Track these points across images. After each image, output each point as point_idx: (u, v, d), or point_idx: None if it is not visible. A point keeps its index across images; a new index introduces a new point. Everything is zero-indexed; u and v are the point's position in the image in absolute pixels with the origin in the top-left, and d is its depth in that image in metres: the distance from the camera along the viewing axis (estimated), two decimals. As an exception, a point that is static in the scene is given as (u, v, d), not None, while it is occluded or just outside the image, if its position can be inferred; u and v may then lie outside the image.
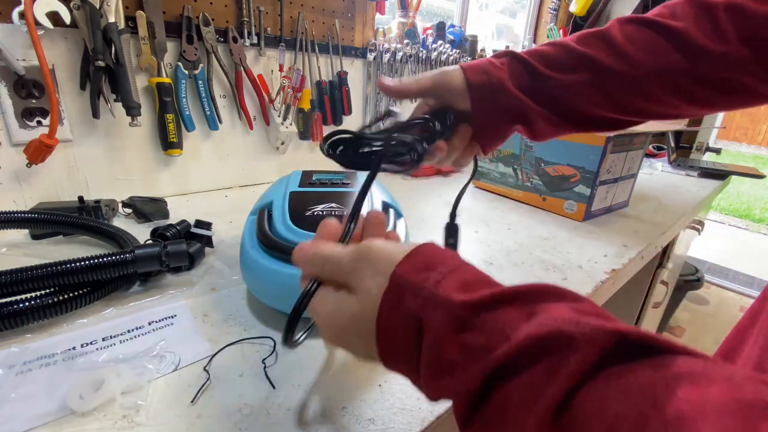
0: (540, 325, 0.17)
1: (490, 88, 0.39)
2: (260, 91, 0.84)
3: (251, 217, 0.45)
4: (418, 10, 1.13)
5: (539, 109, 0.39)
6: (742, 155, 7.53)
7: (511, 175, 0.87)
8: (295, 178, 0.54)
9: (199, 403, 0.31)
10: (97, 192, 0.70)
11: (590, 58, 0.38)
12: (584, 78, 0.38)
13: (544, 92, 0.39)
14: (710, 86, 0.37)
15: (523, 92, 0.39)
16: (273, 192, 0.50)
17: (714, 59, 0.36)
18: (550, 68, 0.39)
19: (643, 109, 0.40)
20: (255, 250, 0.40)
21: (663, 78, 0.37)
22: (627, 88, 0.38)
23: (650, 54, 0.37)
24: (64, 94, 0.64)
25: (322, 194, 0.49)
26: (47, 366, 0.34)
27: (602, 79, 0.38)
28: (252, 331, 0.40)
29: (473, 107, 0.39)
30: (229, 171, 0.87)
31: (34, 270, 0.37)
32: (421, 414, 0.32)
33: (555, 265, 0.58)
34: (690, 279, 1.67)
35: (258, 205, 0.48)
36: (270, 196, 0.48)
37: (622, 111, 0.40)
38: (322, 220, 0.28)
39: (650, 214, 0.84)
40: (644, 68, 0.37)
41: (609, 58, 0.38)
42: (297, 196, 0.48)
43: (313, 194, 0.49)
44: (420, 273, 0.21)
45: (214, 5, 0.75)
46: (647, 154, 1.57)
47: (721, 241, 3.34)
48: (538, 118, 0.40)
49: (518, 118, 0.40)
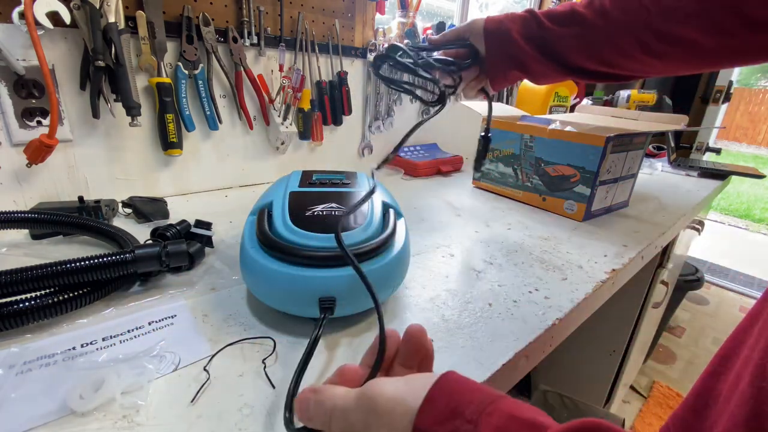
0: None
1: (499, 35, 0.52)
2: (260, 91, 0.84)
3: (251, 218, 0.45)
4: (418, 10, 1.13)
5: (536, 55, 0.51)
6: (742, 155, 7.53)
7: (511, 175, 0.87)
8: (295, 178, 0.53)
9: (199, 403, 0.31)
10: (97, 192, 0.70)
11: (581, 15, 0.49)
12: (574, 31, 0.49)
13: (544, 41, 0.51)
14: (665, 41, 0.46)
15: (527, 41, 0.51)
16: (273, 192, 0.50)
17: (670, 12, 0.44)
18: (552, 22, 0.50)
19: (615, 61, 0.50)
20: (255, 250, 0.40)
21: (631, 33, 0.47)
22: (604, 42, 0.49)
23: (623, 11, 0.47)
24: (64, 94, 0.64)
25: (323, 194, 0.49)
26: (47, 366, 0.34)
27: (586, 32, 0.49)
28: (252, 331, 0.40)
29: (486, 49, 0.53)
30: (229, 171, 0.87)
31: (34, 270, 0.37)
32: (421, 414, 0.32)
33: (555, 265, 0.58)
34: (690, 279, 1.67)
35: (258, 205, 0.48)
36: (270, 196, 0.48)
37: (599, 62, 0.50)
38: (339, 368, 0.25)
39: (650, 214, 0.84)
40: (617, 23, 0.47)
41: (594, 14, 0.48)
42: (297, 196, 0.47)
43: (313, 194, 0.48)
44: (446, 424, 0.18)
45: (214, 5, 0.75)
46: (647, 154, 1.57)
47: (721, 241, 3.34)
48: (534, 64, 0.52)
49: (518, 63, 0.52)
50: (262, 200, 0.49)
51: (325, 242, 0.38)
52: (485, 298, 0.49)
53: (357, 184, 0.53)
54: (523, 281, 0.53)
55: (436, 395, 0.19)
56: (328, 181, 0.53)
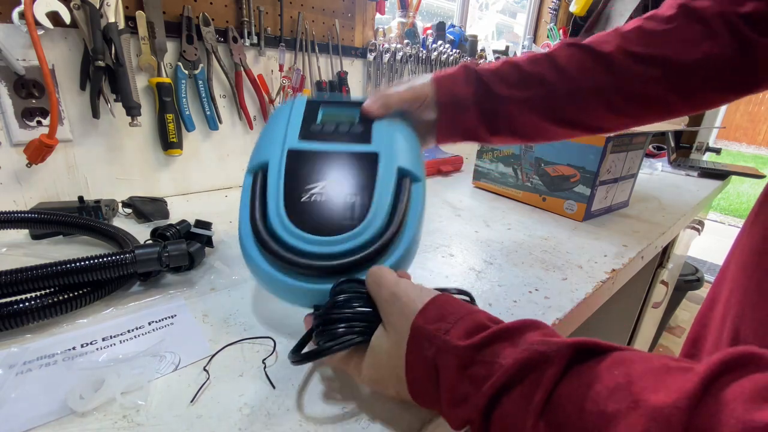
0: (522, 351, 0.23)
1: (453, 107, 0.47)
2: (260, 91, 0.84)
3: (247, 179, 0.41)
4: (418, 10, 1.13)
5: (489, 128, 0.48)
6: (742, 155, 7.53)
7: (511, 175, 0.87)
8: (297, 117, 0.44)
9: (199, 403, 0.31)
10: (97, 192, 0.70)
11: (540, 76, 0.45)
12: (536, 93, 0.46)
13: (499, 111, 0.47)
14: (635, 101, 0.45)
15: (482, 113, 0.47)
16: (271, 138, 0.42)
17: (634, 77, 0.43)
18: (507, 87, 0.46)
19: (580, 120, 0.47)
20: (250, 244, 0.37)
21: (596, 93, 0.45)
22: (568, 102, 0.46)
23: (585, 73, 0.44)
24: (64, 94, 0.64)
25: (324, 158, 0.40)
26: (47, 366, 0.34)
27: (548, 93, 0.45)
28: (252, 331, 0.40)
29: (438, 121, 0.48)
30: (229, 171, 0.87)
31: (34, 270, 0.37)
32: (421, 414, 0.32)
33: (555, 265, 0.58)
34: (690, 279, 1.67)
35: (256, 159, 0.41)
36: (267, 149, 0.41)
37: (563, 122, 0.48)
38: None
39: (650, 214, 0.84)
40: (581, 84, 0.44)
41: (554, 75, 0.45)
42: (295, 159, 0.40)
43: (313, 157, 0.40)
44: (433, 323, 0.26)
45: (214, 5, 0.75)
46: (647, 154, 1.57)
47: (722, 242, 3.34)
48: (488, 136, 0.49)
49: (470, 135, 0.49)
50: (260, 149, 0.43)
51: (323, 247, 0.34)
52: (485, 298, 0.49)
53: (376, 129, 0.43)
54: (523, 281, 0.53)
55: (431, 305, 0.28)
56: (336, 126, 0.43)
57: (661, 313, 1.39)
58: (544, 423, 0.20)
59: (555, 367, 0.21)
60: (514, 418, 0.21)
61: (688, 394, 0.16)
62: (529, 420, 0.20)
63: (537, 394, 0.21)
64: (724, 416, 0.15)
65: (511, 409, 0.22)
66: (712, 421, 0.16)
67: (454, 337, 0.25)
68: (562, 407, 0.20)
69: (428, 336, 0.26)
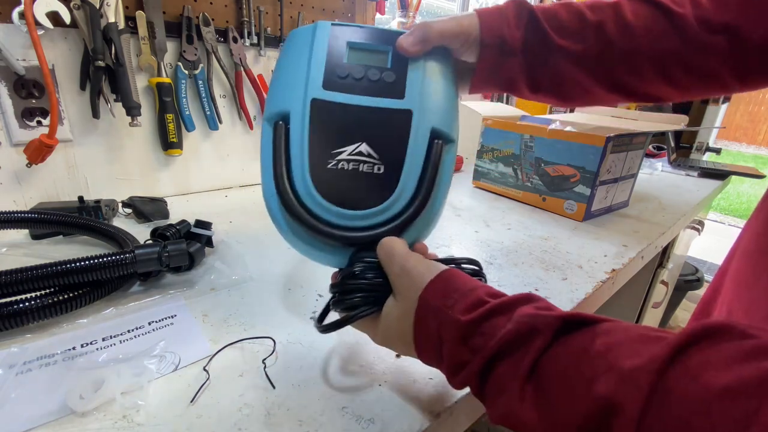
0: (514, 322, 0.25)
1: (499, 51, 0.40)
2: (260, 91, 0.84)
3: (266, 130, 0.36)
4: (418, 10, 1.13)
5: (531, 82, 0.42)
6: (742, 155, 7.53)
7: (511, 175, 0.87)
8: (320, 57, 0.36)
9: (198, 403, 0.31)
10: (97, 192, 0.70)
11: (600, 27, 0.39)
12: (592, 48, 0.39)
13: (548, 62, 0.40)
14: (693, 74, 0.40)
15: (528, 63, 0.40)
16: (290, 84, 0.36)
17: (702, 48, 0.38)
18: (561, 36, 0.39)
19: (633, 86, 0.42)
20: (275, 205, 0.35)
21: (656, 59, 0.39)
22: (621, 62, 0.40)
23: (651, 33, 0.38)
24: (64, 94, 0.64)
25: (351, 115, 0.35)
26: (47, 366, 0.34)
27: (605, 49, 0.39)
28: (252, 331, 0.40)
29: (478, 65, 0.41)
30: (229, 171, 0.87)
31: (34, 270, 0.37)
32: (421, 414, 0.32)
33: (555, 265, 0.58)
34: (690, 279, 1.67)
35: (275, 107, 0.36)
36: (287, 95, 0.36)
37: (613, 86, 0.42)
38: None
39: (650, 214, 0.84)
40: (643, 45, 0.39)
41: (615, 30, 0.39)
42: (319, 112, 0.35)
43: (339, 113, 0.35)
44: (439, 299, 0.28)
45: (214, 5, 0.75)
46: (647, 154, 1.57)
47: (722, 242, 3.34)
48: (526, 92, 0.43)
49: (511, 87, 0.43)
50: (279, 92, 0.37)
51: (348, 221, 0.33)
52: (485, 298, 0.49)
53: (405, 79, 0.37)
54: (523, 281, 0.53)
55: (438, 280, 0.29)
56: (365, 72, 0.36)
57: (661, 313, 1.39)
58: (531, 387, 0.23)
59: (543, 337, 0.23)
60: (505, 381, 0.24)
61: (657, 360, 0.18)
62: (517, 383, 0.23)
63: (524, 361, 0.23)
64: (688, 380, 0.17)
65: (503, 373, 0.24)
66: (677, 383, 0.18)
67: (457, 312, 0.27)
68: (546, 373, 0.23)
69: (434, 309, 0.28)
